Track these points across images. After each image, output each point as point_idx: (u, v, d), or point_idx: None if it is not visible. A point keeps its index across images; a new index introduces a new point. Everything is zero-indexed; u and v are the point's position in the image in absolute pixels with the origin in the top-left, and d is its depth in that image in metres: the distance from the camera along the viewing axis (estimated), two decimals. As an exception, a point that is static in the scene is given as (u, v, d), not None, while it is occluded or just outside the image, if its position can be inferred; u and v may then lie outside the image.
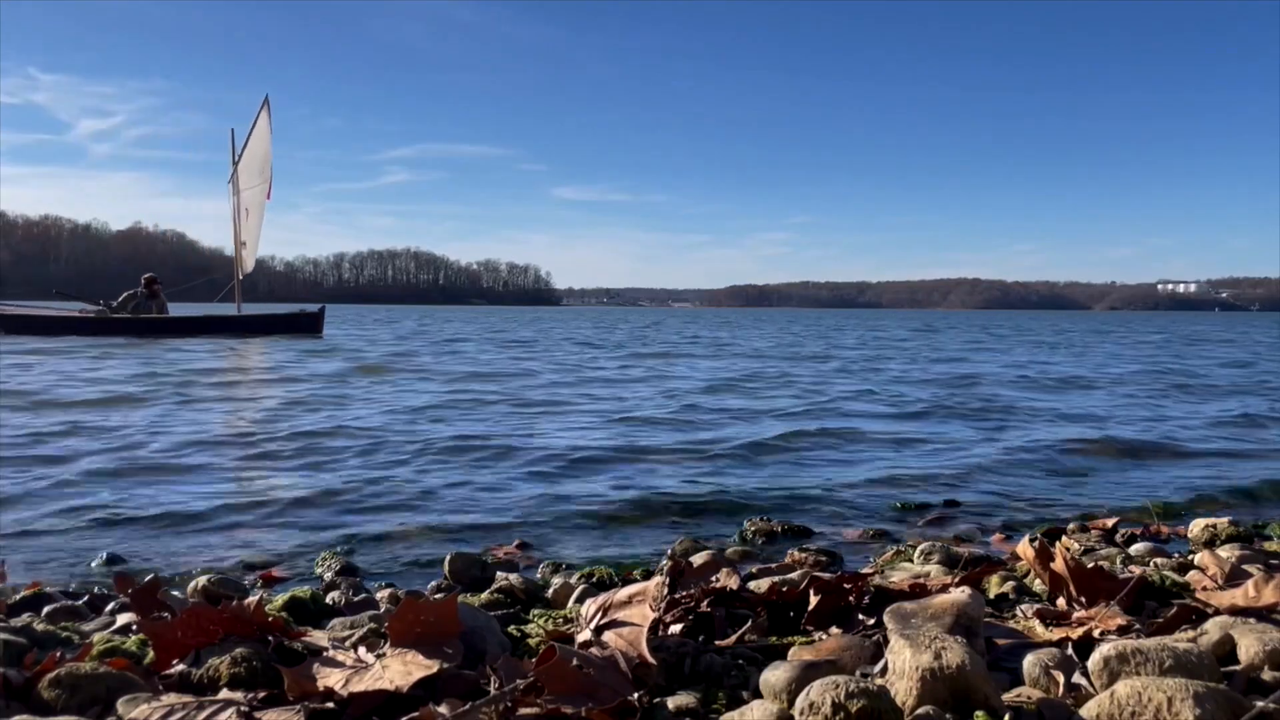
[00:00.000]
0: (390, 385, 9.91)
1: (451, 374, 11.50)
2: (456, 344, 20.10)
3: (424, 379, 10.78)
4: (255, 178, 21.95)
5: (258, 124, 22.02)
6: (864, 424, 6.91)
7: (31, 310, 20.94)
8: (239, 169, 21.97)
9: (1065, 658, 1.64)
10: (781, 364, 14.34)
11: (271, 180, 22.06)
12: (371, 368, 12.44)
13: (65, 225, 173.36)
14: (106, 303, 20.38)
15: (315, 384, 9.77)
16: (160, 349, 15.52)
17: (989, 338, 27.36)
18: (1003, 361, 15.23)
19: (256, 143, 21.96)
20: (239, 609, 1.83)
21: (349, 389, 9.38)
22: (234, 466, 4.91)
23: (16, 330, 19.72)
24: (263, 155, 21.94)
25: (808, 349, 19.59)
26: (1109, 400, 8.95)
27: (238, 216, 22.01)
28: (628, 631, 1.72)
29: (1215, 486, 4.55)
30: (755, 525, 3.60)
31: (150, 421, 6.60)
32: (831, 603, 1.99)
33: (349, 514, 3.87)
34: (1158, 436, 6.35)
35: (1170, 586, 2.21)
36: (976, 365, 14.20)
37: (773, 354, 17.39)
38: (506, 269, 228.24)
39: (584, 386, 9.98)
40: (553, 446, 5.60)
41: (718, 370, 12.74)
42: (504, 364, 13.72)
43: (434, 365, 13.18)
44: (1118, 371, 12.93)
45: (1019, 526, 3.73)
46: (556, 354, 16.73)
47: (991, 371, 12.77)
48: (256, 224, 22.27)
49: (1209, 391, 9.98)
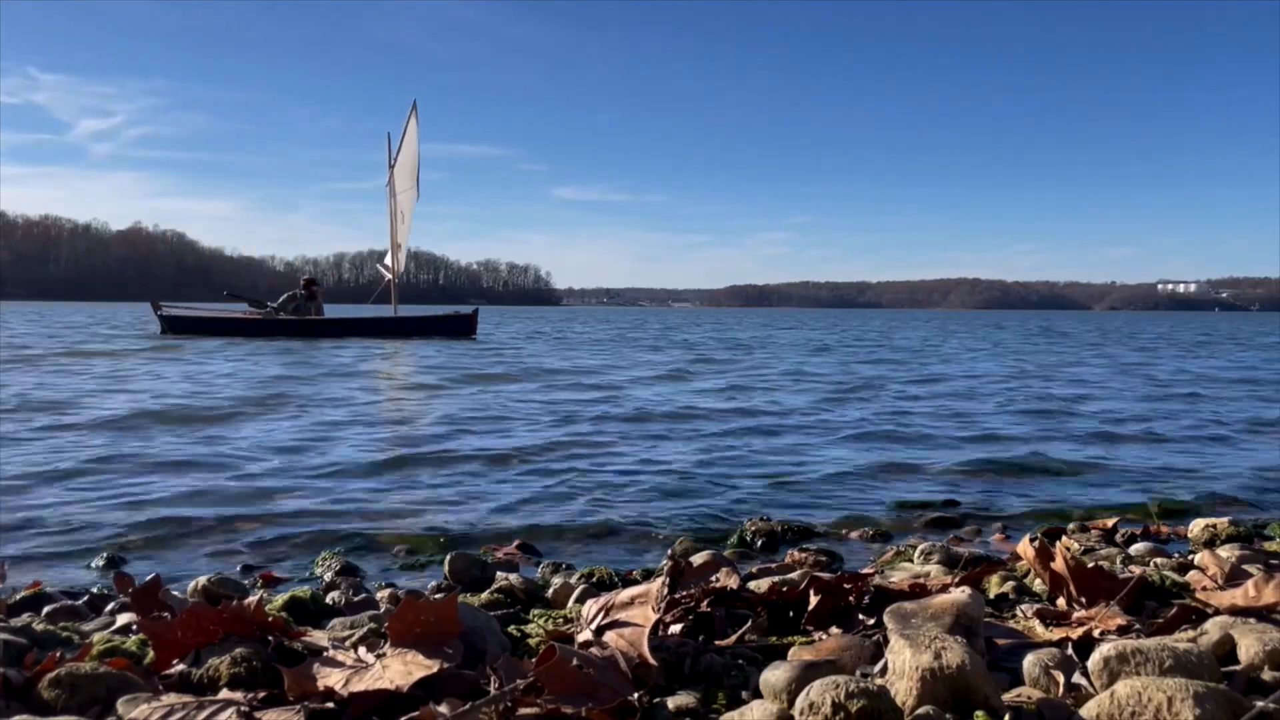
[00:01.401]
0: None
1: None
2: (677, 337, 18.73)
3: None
4: (407, 180, 22.16)
5: (408, 129, 22.25)
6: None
7: (200, 312, 21.37)
8: (394, 172, 22.14)
9: (1065, 658, 1.64)
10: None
11: (419, 182, 22.37)
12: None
13: (65, 225, 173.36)
14: (270, 304, 20.68)
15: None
16: (329, 349, 15.76)
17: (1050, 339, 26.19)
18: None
19: (408, 146, 22.20)
20: (239, 609, 1.83)
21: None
22: (257, 472, 4.92)
23: (185, 330, 20.15)
24: (413, 159, 22.20)
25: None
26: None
27: (394, 219, 22.08)
28: (628, 632, 1.72)
29: (1218, 487, 4.55)
30: (755, 525, 3.60)
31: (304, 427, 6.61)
32: (831, 603, 1.99)
33: (349, 513, 3.87)
34: (1159, 435, 6.37)
35: (1170, 586, 2.21)
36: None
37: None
38: (506, 269, 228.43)
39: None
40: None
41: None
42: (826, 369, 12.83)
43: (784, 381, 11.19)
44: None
45: (1019, 526, 3.73)
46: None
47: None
48: (408, 227, 22.40)
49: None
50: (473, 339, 21.11)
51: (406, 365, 13.16)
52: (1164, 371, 13.13)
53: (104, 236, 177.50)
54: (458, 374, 11.21)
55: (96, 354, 14.29)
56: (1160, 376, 12.11)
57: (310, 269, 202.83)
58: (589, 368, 13.17)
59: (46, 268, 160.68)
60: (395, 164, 22.09)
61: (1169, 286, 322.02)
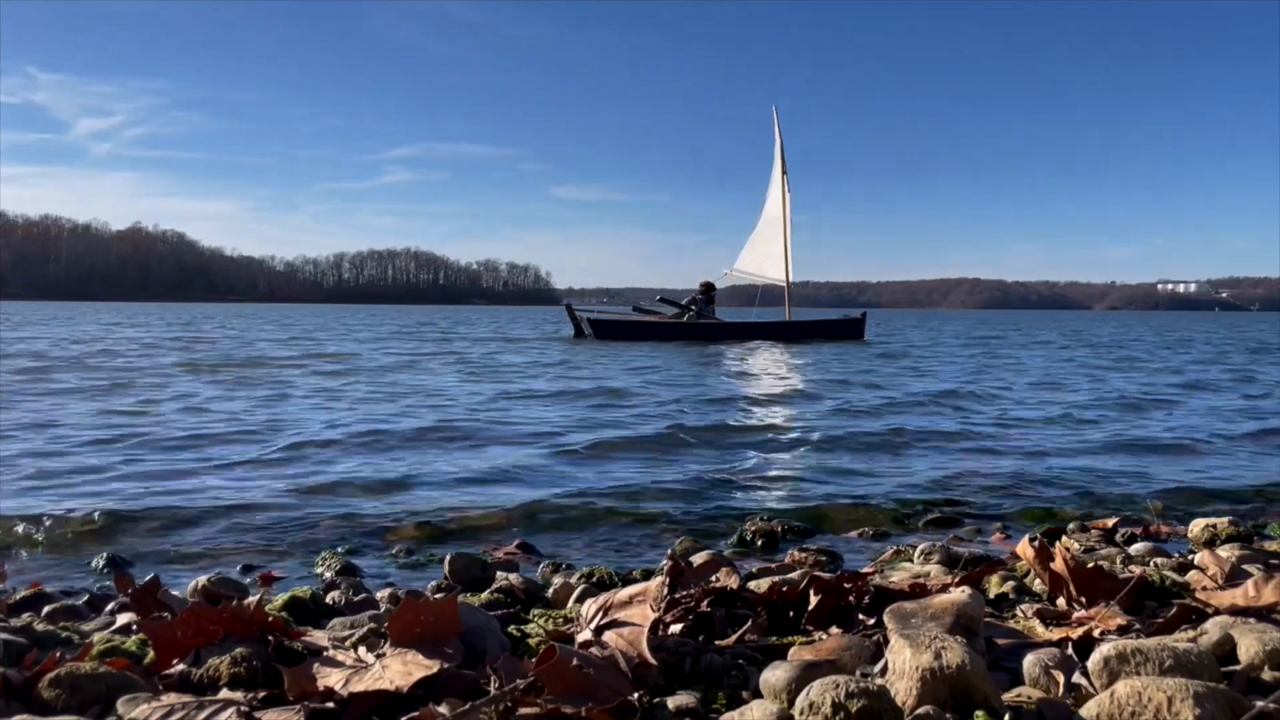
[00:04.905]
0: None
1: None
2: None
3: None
4: (779, 184, 22.49)
5: (776, 133, 22.60)
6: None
7: (625, 316, 21.70)
8: (785, 177, 22.36)
9: (1065, 658, 1.64)
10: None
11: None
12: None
13: (65, 225, 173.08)
14: (693, 307, 20.86)
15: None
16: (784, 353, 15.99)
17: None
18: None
19: (778, 154, 22.56)
20: (239, 609, 1.82)
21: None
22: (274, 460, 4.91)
23: (610, 336, 20.45)
24: (780, 166, 22.57)
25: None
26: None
27: (787, 225, 22.22)
28: (628, 631, 1.71)
29: (1217, 487, 4.55)
30: (755, 525, 3.60)
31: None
32: (831, 602, 1.99)
33: (350, 514, 3.86)
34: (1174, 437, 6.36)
35: (1170, 586, 2.21)
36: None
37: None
38: (506, 269, 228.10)
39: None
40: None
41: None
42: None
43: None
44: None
45: (1019, 526, 3.73)
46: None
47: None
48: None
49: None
50: (863, 341, 21.37)
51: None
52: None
53: (104, 236, 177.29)
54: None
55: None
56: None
57: (310, 269, 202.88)
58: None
59: (46, 267, 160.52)
60: (786, 171, 22.28)
61: (1169, 286, 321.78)
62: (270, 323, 36.59)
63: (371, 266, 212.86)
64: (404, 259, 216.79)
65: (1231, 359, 16.57)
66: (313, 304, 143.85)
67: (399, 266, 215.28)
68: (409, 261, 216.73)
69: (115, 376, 10.31)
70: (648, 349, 17.16)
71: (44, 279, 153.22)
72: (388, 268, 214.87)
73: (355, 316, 54.26)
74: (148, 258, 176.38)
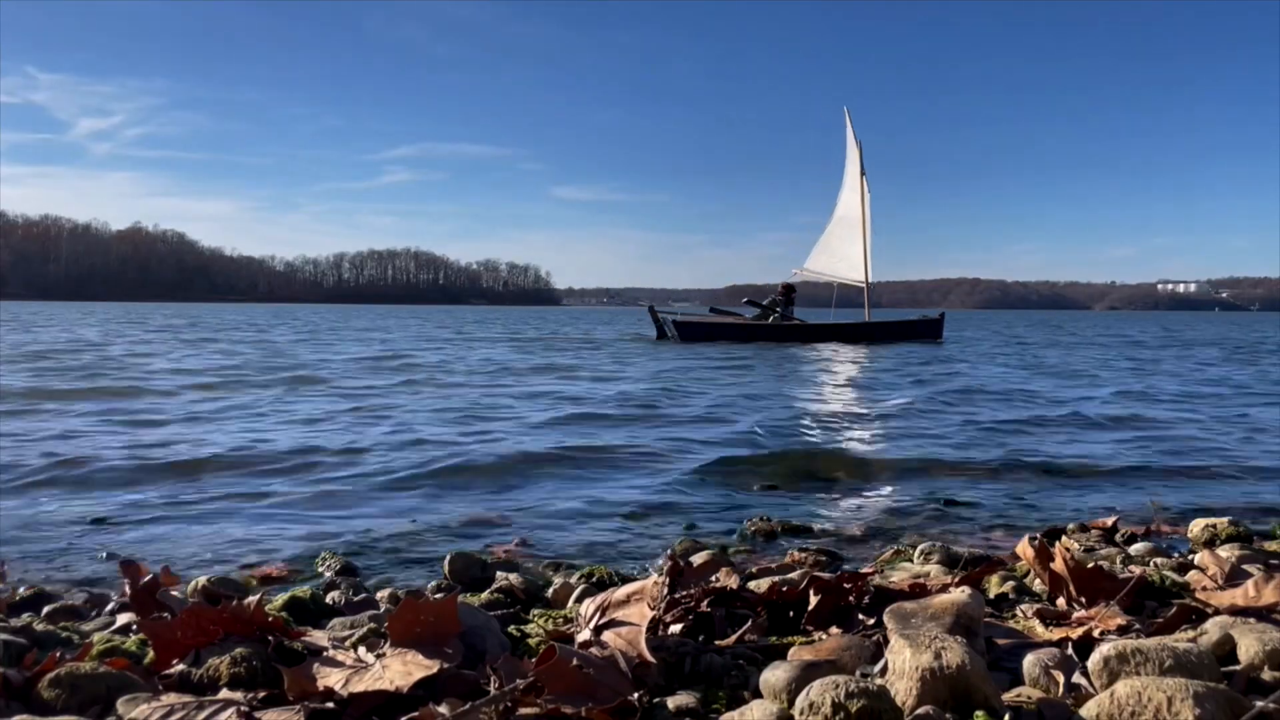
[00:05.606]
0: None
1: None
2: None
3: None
4: (855, 184, 22.49)
5: (849, 134, 22.54)
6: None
7: (708, 319, 21.66)
8: (864, 178, 22.34)
9: (1065, 658, 1.64)
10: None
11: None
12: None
13: (65, 225, 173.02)
14: (777, 309, 20.97)
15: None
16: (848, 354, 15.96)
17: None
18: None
19: (851, 151, 22.52)
20: (239, 609, 1.82)
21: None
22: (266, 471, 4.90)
23: (694, 338, 20.38)
24: (859, 166, 22.59)
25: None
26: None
27: (867, 227, 22.21)
28: (627, 631, 1.71)
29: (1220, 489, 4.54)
30: (755, 524, 3.60)
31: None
32: (831, 602, 1.99)
33: (349, 513, 3.86)
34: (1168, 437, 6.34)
35: (1170, 586, 2.21)
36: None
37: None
38: (506, 269, 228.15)
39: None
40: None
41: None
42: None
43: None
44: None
45: (1019, 526, 3.73)
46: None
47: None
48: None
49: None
50: (939, 342, 21.39)
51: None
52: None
53: (104, 236, 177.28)
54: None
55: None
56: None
57: (310, 269, 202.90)
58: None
59: (46, 267, 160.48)
60: (865, 172, 22.25)
61: (1169, 286, 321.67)
62: (324, 327, 32.58)
63: (371, 266, 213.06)
64: (404, 259, 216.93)
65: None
66: (313, 304, 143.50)
67: (399, 266, 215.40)
68: (409, 261, 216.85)
69: (126, 383, 10.06)
70: (737, 349, 17.11)
71: (44, 279, 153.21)
72: (388, 268, 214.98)
73: (393, 317, 52.18)
74: (148, 258, 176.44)
